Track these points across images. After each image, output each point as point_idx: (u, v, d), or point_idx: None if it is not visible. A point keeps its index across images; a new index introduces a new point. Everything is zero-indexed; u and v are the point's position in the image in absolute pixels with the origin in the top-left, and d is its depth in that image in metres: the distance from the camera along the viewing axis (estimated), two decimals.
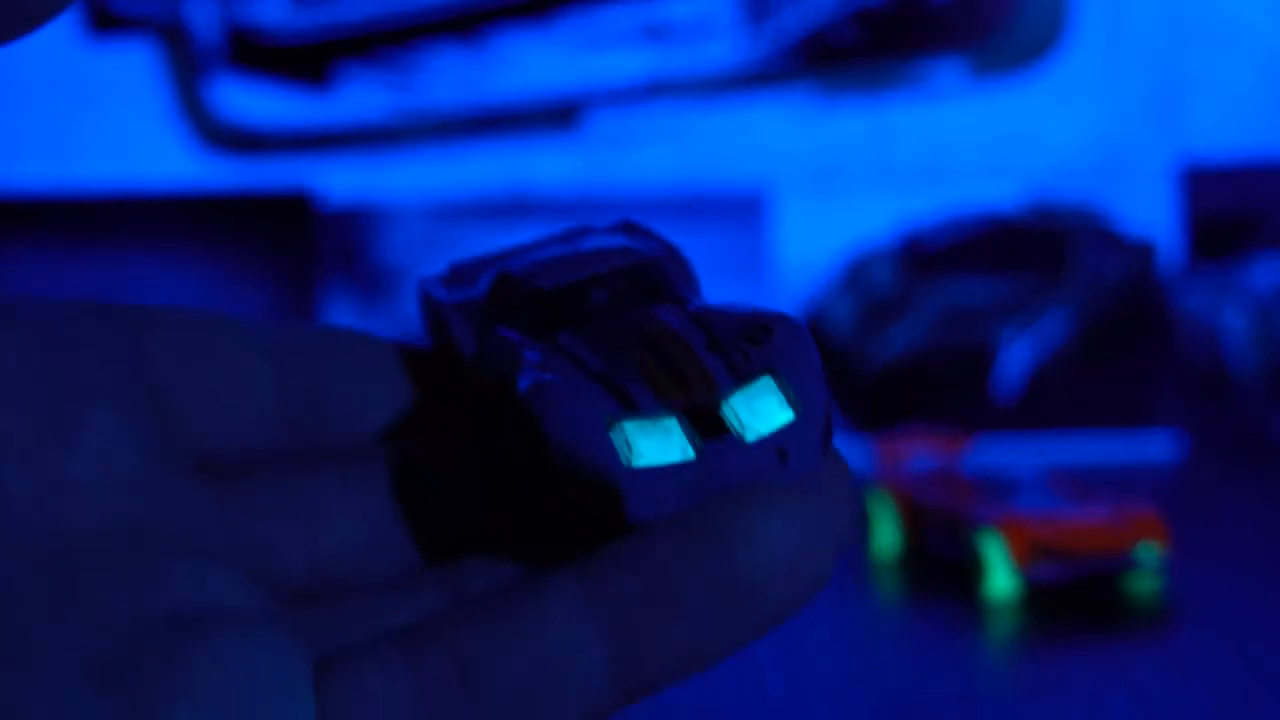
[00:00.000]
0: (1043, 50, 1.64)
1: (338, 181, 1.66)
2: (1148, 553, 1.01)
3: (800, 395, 0.27)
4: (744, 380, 0.27)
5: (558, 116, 1.66)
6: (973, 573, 1.04)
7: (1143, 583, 1.03)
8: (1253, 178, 1.64)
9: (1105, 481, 1.28)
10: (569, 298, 0.29)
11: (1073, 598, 1.01)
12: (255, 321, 0.30)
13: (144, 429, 0.27)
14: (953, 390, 1.37)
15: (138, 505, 0.27)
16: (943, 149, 1.64)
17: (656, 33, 1.65)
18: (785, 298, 1.56)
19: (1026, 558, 1.00)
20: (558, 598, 0.26)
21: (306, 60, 1.67)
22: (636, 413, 0.27)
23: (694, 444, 0.27)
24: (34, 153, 1.66)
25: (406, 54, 1.67)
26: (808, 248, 1.61)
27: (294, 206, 1.65)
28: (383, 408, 0.31)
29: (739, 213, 1.63)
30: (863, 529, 1.17)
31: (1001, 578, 1.01)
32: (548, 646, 0.26)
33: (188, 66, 1.67)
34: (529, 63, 1.66)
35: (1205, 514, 1.18)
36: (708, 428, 0.27)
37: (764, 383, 0.27)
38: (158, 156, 1.67)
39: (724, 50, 1.65)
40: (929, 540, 1.08)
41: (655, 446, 0.27)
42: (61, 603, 0.25)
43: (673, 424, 0.27)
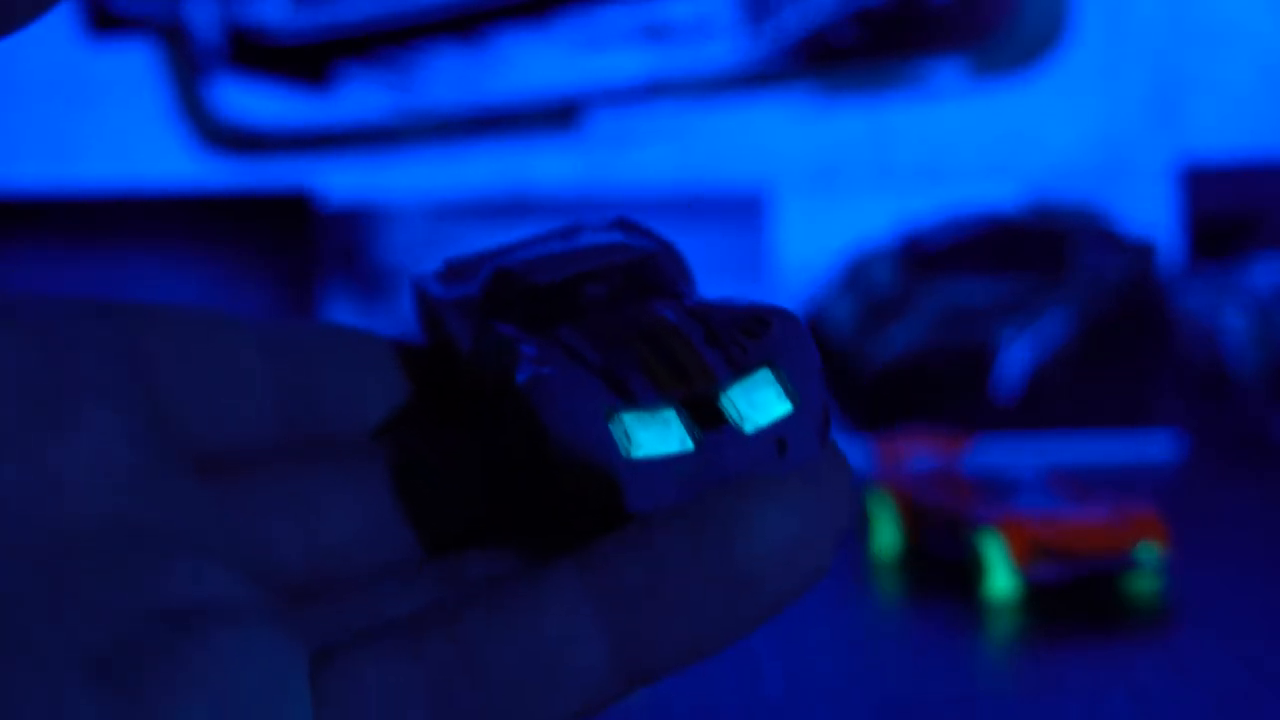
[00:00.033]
0: (1043, 50, 1.64)
1: (338, 181, 1.66)
2: (1148, 553, 1.01)
3: (798, 387, 0.27)
4: (742, 373, 0.27)
5: (558, 116, 1.66)
6: (973, 573, 1.04)
7: (1143, 583, 1.03)
8: (1253, 178, 1.64)
9: (1105, 481, 1.28)
10: (565, 293, 0.29)
11: (1073, 598, 1.01)
12: (251, 319, 0.30)
13: (141, 426, 0.28)
14: (953, 390, 1.37)
15: (135, 502, 0.27)
16: (943, 149, 1.64)
17: (656, 33, 1.65)
18: (785, 298, 1.55)
19: (1026, 558, 1.00)
20: (557, 588, 0.26)
21: (306, 60, 1.67)
22: (635, 404, 0.27)
23: (693, 435, 0.27)
24: (34, 153, 1.66)
25: (406, 54, 1.67)
26: (808, 248, 1.61)
27: (294, 206, 1.65)
28: (380, 404, 0.31)
29: (739, 213, 1.63)
30: (861, 523, 1.17)
31: (1001, 578, 1.01)
32: (547, 636, 0.26)
33: (188, 66, 1.67)
34: (529, 63, 1.66)
35: (1205, 514, 1.18)
36: (706, 420, 0.27)
37: (762, 375, 0.27)
38: (158, 156, 1.67)
39: (724, 50, 1.65)
40: (929, 540, 1.08)
41: (654, 438, 0.27)
42: (59, 600, 0.25)
43: (671, 416, 0.27)
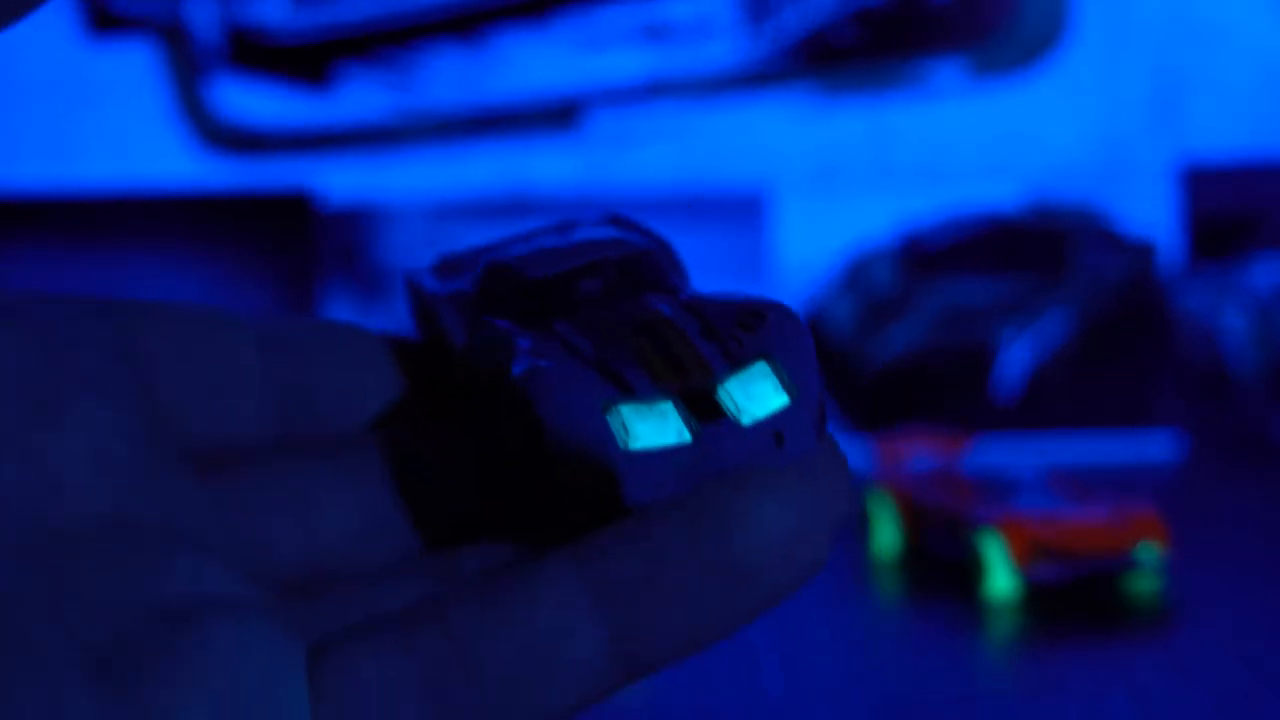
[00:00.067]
0: (1043, 50, 1.64)
1: (338, 181, 1.66)
2: (1148, 553, 1.01)
3: (795, 380, 0.27)
4: (738, 366, 0.27)
5: (558, 116, 1.66)
6: (973, 573, 1.04)
7: (1143, 583, 1.03)
8: (1253, 178, 1.64)
9: (1105, 481, 1.28)
10: (560, 288, 0.29)
11: (1073, 598, 1.01)
12: (246, 315, 0.30)
13: (139, 424, 0.28)
14: (953, 390, 1.37)
15: (133, 500, 0.27)
16: (943, 149, 1.64)
17: (656, 33, 1.65)
18: (785, 298, 1.55)
19: (1026, 558, 1.00)
20: (554, 580, 0.26)
21: (306, 60, 1.67)
22: (632, 397, 0.27)
23: (690, 428, 0.27)
24: (34, 153, 1.66)
25: (406, 54, 1.67)
26: (808, 248, 1.61)
27: (294, 206, 1.65)
28: (374, 399, 0.31)
29: (739, 212, 1.63)
30: (861, 523, 1.17)
31: (1001, 578, 1.01)
32: (543, 629, 0.26)
33: (188, 66, 1.67)
34: (529, 63, 1.66)
35: (1205, 514, 1.18)
36: (703, 412, 0.27)
37: (759, 368, 0.27)
38: (158, 156, 1.67)
39: (724, 50, 1.65)
40: (929, 540, 1.08)
41: (651, 430, 0.27)
42: (58, 598, 0.25)
43: (669, 408, 0.27)
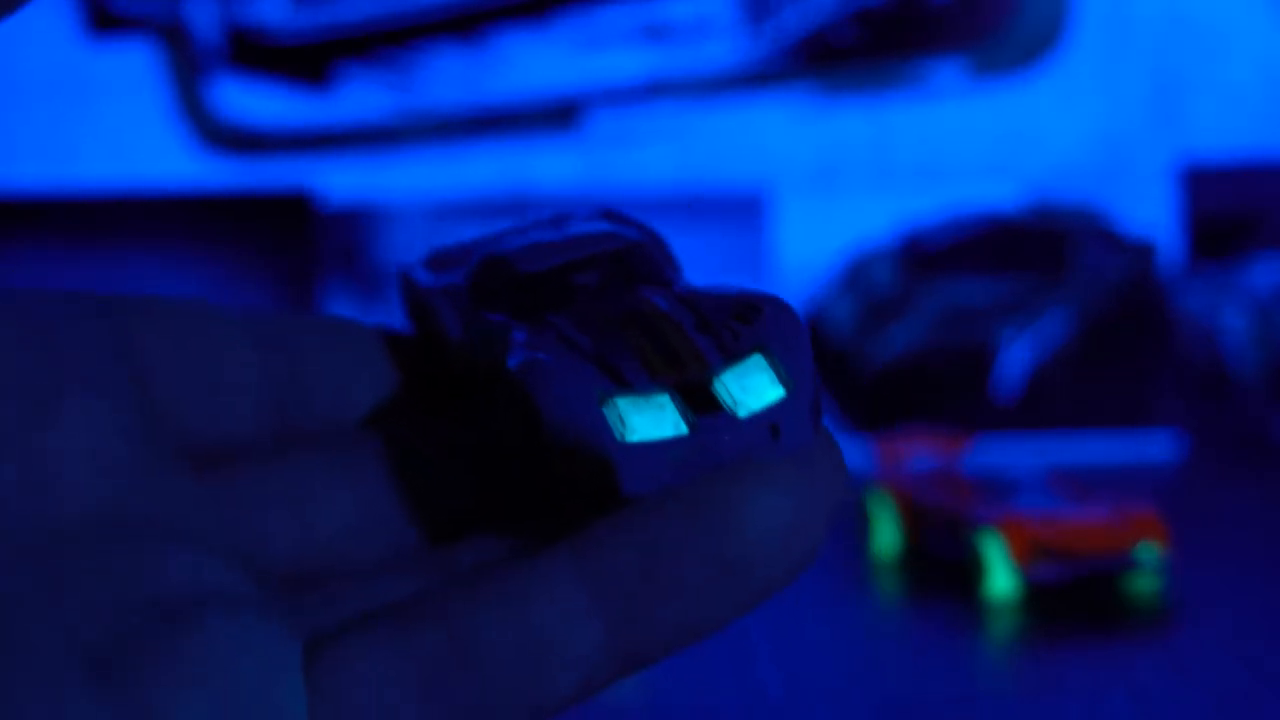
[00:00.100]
0: (1043, 50, 1.64)
1: (338, 181, 1.66)
2: (1148, 553, 1.01)
3: (790, 372, 0.27)
4: (734, 358, 0.28)
5: (558, 116, 1.66)
6: (973, 573, 1.04)
7: (1143, 583, 1.03)
8: (1253, 178, 1.64)
9: (1105, 481, 1.28)
10: (554, 281, 0.29)
11: (1073, 598, 1.01)
12: (241, 310, 0.30)
13: (134, 420, 0.28)
14: (953, 390, 1.37)
15: (125, 494, 0.27)
16: (943, 149, 1.64)
17: (656, 33, 1.65)
18: (785, 297, 1.56)
19: (1026, 558, 1.00)
20: (550, 571, 0.26)
21: (306, 60, 1.67)
22: (629, 389, 0.27)
23: (687, 420, 0.27)
24: (34, 153, 1.66)
25: (406, 54, 1.67)
26: (808, 248, 1.61)
27: (294, 206, 1.65)
28: (369, 393, 0.31)
29: (739, 212, 1.63)
30: (861, 523, 1.17)
31: (1001, 578, 1.01)
32: (541, 620, 0.26)
33: (188, 66, 1.67)
34: (529, 63, 1.66)
35: (1205, 514, 1.18)
36: (699, 405, 0.27)
37: (754, 360, 0.27)
38: (158, 156, 1.67)
39: (724, 50, 1.65)
40: (929, 540, 1.08)
41: (648, 422, 0.27)
42: (55, 596, 0.25)
43: (665, 400, 0.27)
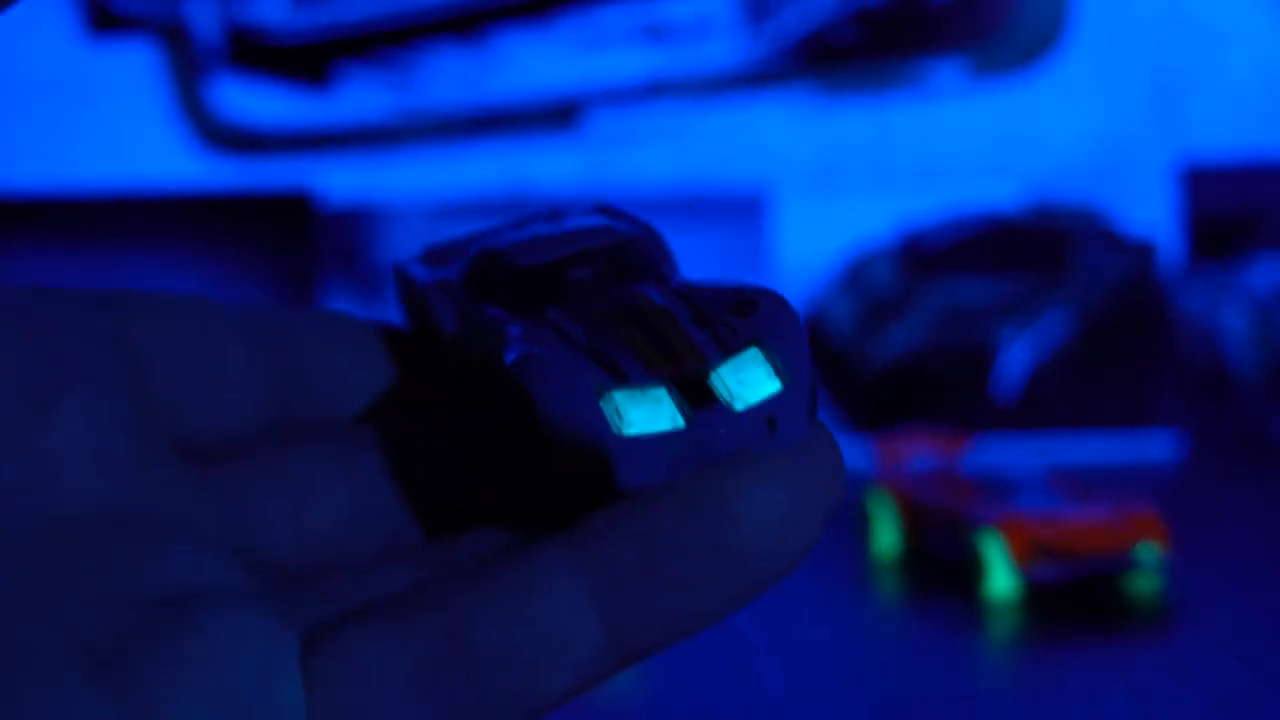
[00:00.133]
0: (1043, 50, 1.64)
1: (338, 181, 1.66)
2: (1148, 553, 1.01)
3: (787, 366, 0.27)
4: (731, 352, 0.28)
5: (558, 116, 1.66)
6: (973, 573, 1.04)
7: (1143, 583, 1.03)
8: (1253, 178, 1.64)
9: (1105, 481, 1.28)
10: (550, 275, 0.29)
11: (1073, 598, 1.01)
12: (237, 304, 0.30)
13: (129, 413, 0.28)
14: (953, 390, 1.37)
15: (123, 489, 0.27)
16: (943, 149, 1.64)
17: (656, 33, 1.65)
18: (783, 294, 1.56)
19: (1026, 558, 1.00)
20: (549, 565, 0.26)
21: (306, 60, 1.67)
22: (626, 383, 0.27)
23: (684, 413, 0.27)
24: (34, 153, 1.66)
25: (406, 54, 1.67)
26: (808, 248, 1.61)
27: (294, 206, 1.65)
28: (366, 387, 0.31)
29: (739, 212, 1.63)
30: (861, 523, 1.17)
31: (1001, 578, 1.01)
32: (540, 613, 0.26)
33: (188, 66, 1.67)
34: (529, 63, 1.66)
35: (1205, 514, 1.18)
36: (696, 398, 0.27)
37: (751, 354, 0.27)
38: (158, 156, 1.67)
39: (724, 50, 1.65)
40: (929, 540, 1.08)
41: (645, 415, 0.27)
42: (50, 592, 0.25)
43: (662, 394, 0.27)
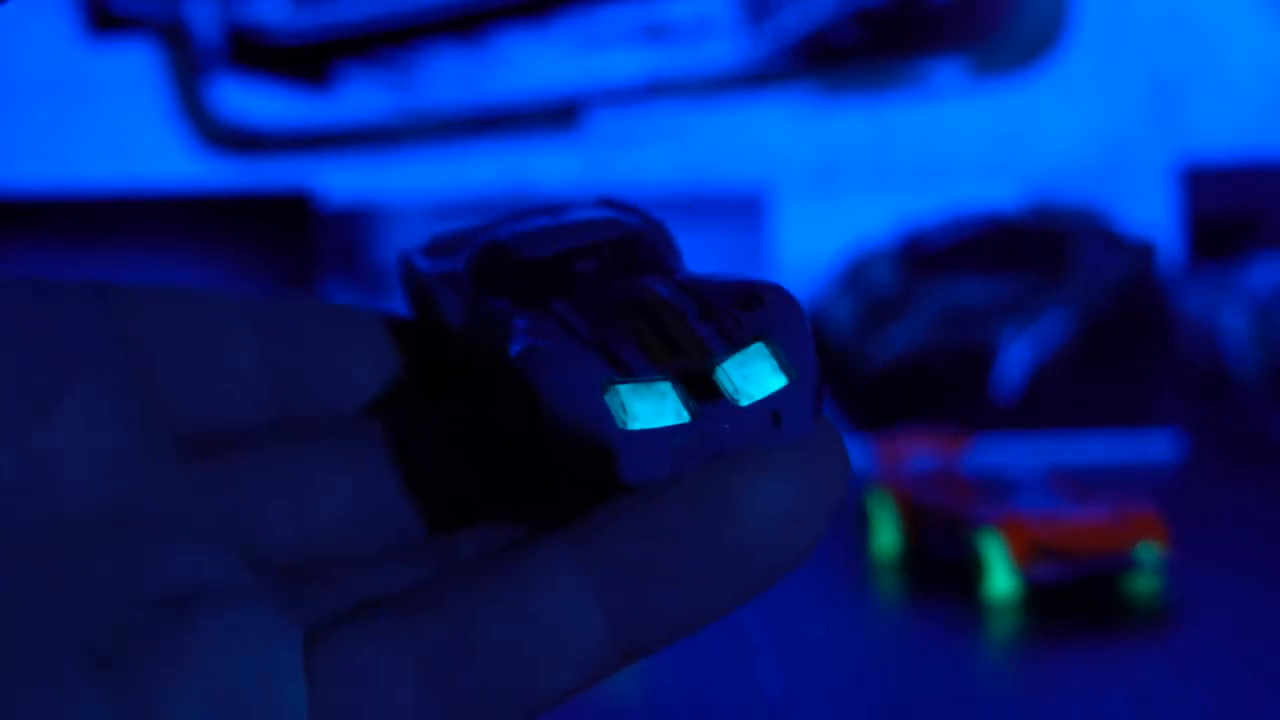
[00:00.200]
0: (1043, 50, 1.64)
1: (338, 181, 1.66)
2: (1148, 553, 1.01)
3: (793, 361, 0.27)
4: (736, 346, 0.27)
5: (558, 116, 1.66)
6: (973, 573, 1.04)
7: (1143, 583, 1.03)
8: (1253, 178, 1.64)
9: (1105, 481, 1.28)
10: (556, 268, 0.29)
11: (1073, 598, 1.01)
12: (239, 295, 0.30)
13: (132, 408, 0.27)
14: (953, 390, 1.37)
15: (123, 487, 0.27)
16: (943, 149, 1.64)
17: (656, 33, 1.65)
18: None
19: (1026, 558, 1.00)
20: (551, 560, 0.26)
21: (306, 60, 1.67)
22: (630, 376, 0.27)
23: (688, 407, 0.27)
24: (34, 153, 1.66)
25: (406, 54, 1.67)
26: (808, 247, 1.61)
27: (294, 206, 1.65)
28: (370, 379, 0.30)
29: (739, 212, 1.63)
30: (861, 523, 1.17)
31: (1001, 578, 1.01)
32: (541, 608, 0.26)
33: (188, 66, 1.67)
34: (529, 63, 1.66)
35: (1205, 514, 1.18)
36: (701, 393, 0.27)
37: (756, 349, 0.27)
38: (158, 156, 1.67)
39: (724, 50, 1.65)
40: (929, 540, 1.08)
41: (649, 409, 0.27)
42: (51, 591, 0.25)
43: (667, 388, 0.27)
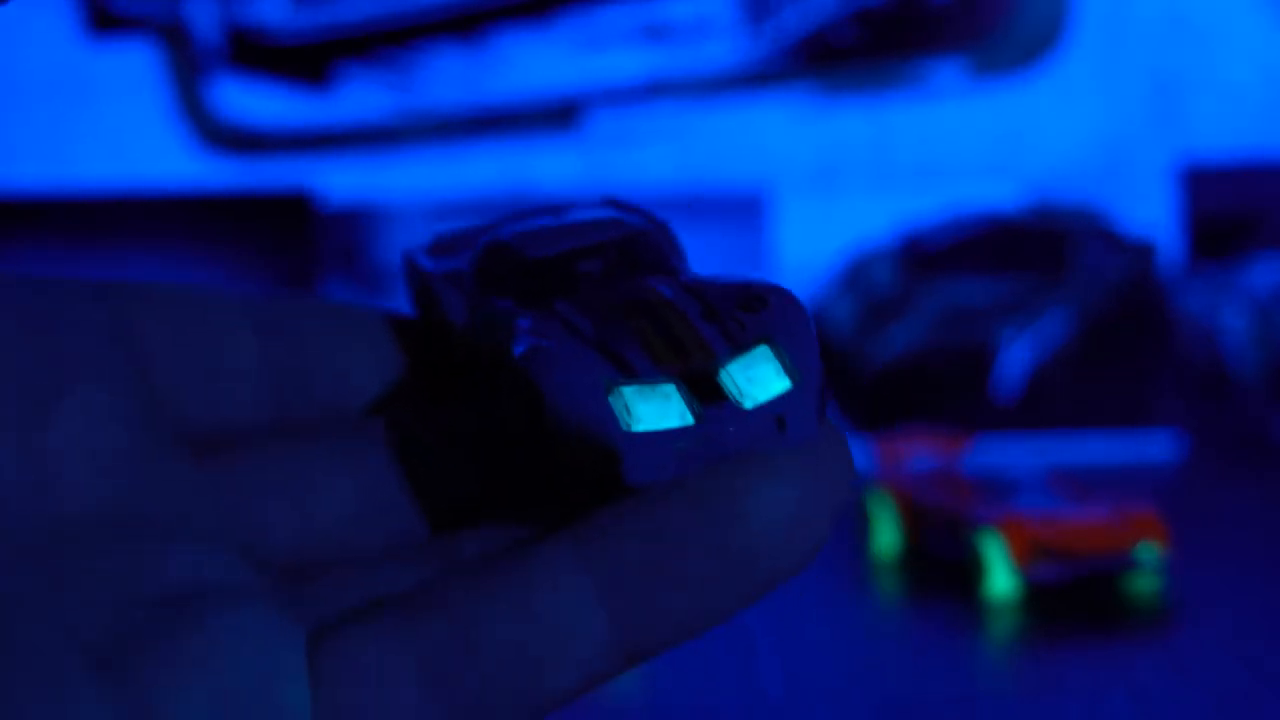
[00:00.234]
0: (1043, 50, 1.64)
1: (338, 181, 1.66)
2: (1148, 553, 1.01)
3: (797, 364, 0.27)
4: (740, 349, 0.27)
5: (558, 116, 1.66)
6: (973, 573, 1.04)
7: (1143, 583, 1.03)
8: (1253, 178, 1.64)
9: (1105, 481, 1.28)
10: (560, 267, 0.29)
11: (1073, 598, 1.01)
12: (240, 294, 0.30)
13: (133, 407, 0.27)
14: (953, 390, 1.37)
15: (124, 487, 0.26)
16: (943, 149, 1.64)
17: (656, 33, 1.65)
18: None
19: (1026, 558, 1.00)
20: (554, 561, 0.26)
21: (306, 60, 1.67)
22: (635, 378, 0.27)
23: (693, 410, 0.27)
24: (34, 153, 1.66)
25: (406, 54, 1.67)
26: (808, 247, 1.61)
27: (294, 206, 1.65)
28: (372, 378, 0.30)
29: (739, 212, 1.63)
30: (861, 523, 1.17)
31: (1001, 578, 1.01)
32: (544, 610, 0.26)
33: (188, 66, 1.67)
34: (529, 63, 1.66)
35: (1205, 514, 1.18)
36: (705, 395, 0.27)
37: (761, 351, 0.27)
38: (158, 156, 1.67)
39: (724, 50, 1.65)
40: (929, 540, 1.08)
41: (654, 411, 0.27)
42: (52, 592, 0.25)
43: (671, 390, 0.27)
